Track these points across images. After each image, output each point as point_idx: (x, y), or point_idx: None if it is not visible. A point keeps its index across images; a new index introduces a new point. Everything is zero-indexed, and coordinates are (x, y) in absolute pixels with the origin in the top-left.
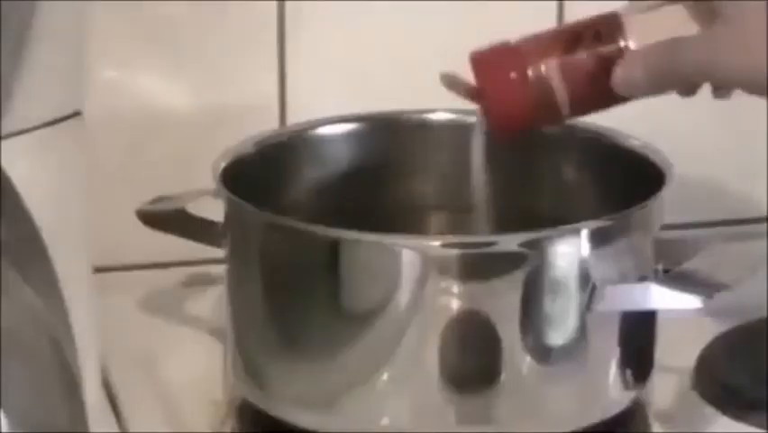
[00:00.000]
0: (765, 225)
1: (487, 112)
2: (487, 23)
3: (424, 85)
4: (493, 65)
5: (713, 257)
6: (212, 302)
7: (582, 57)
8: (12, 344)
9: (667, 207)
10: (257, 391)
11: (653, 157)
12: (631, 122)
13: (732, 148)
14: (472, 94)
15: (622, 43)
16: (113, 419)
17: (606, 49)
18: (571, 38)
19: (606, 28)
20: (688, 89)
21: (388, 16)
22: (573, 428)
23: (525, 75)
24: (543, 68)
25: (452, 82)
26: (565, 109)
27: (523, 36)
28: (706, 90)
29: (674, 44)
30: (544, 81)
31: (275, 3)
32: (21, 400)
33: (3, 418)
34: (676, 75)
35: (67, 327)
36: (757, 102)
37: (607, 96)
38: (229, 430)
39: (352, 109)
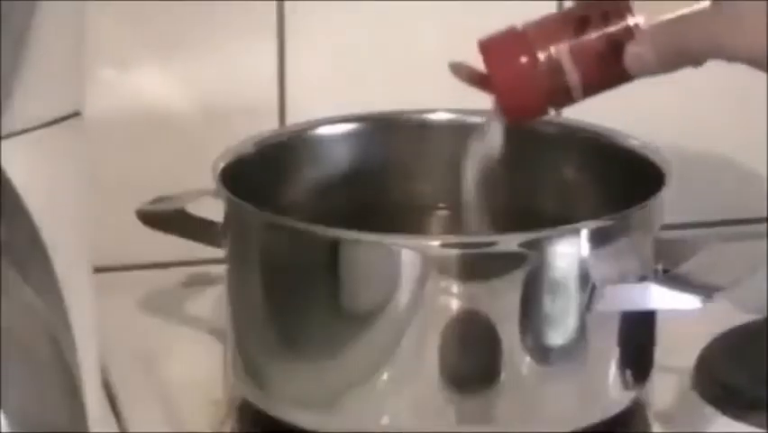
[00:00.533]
0: (765, 225)
1: (498, 99)
2: (487, 23)
3: (424, 85)
4: (503, 51)
5: (713, 257)
6: (212, 302)
7: (592, 39)
8: (12, 344)
9: (667, 207)
10: (257, 391)
11: (653, 157)
12: (631, 122)
13: (732, 148)
14: (479, 81)
15: (631, 22)
16: (113, 419)
17: (614, 29)
18: (580, 20)
19: (613, 7)
20: (697, 63)
21: (388, 16)
22: (573, 428)
23: (536, 59)
24: (553, 51)
25: (459, 69)
26: (577, 92)
27: (530, 21)
28: (706, 90)
29: (682, 22)
30: (555, 65)
31: (275, 3)
32: (21, 400)
33: (3, 418)
34: (686, 53)
35: (67, 327)
36: (757, 102)
37: (618, 76)
38: (229, 430)
39: (352, 109)
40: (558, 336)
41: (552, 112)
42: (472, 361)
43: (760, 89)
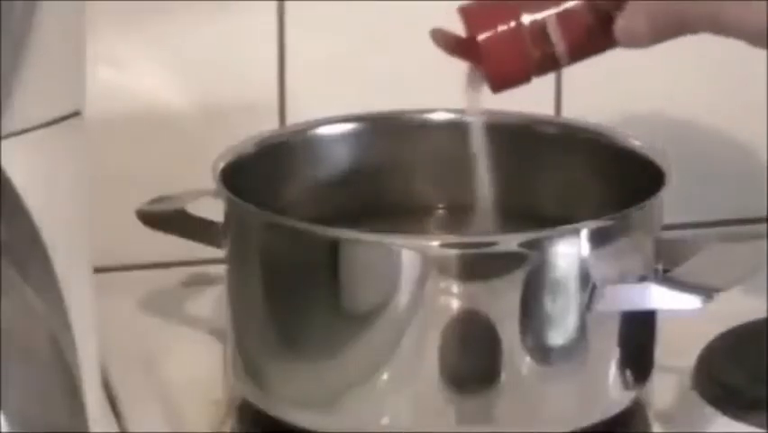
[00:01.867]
0: (765, 225)
1: (480, 64)
2: None
3: (424, 85)
4: (487, 15)
5: (713, 257)
6: (212, 302)
7: (580, 7)
8: (12, 344)
9: (667, 207)
10: (257, 391)
11: (653, 157)
12: (631, 121)
13: (732, 147)
14: (456, 47)
15: None
16: (113, 418)
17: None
18: None
19: None
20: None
21: (388, 16)
22: (573, 427)
23: (520, 24)
24: (539, 18)
25: (437, 35)
26: (563, 59)
27: None
28: (707, 90)
29: None
30: (542, 33)
31: (275, 3)
32: (21, 400)
33: (3, 418)
34: (680, 26)
35: (67, 327)
36: (757, 101)
37: (605, 45)
38: (229, 430)
39: (352, 109)
40: (558, 336)
41: (535, 78)
42: (472, 361)
43: (760, 89)
